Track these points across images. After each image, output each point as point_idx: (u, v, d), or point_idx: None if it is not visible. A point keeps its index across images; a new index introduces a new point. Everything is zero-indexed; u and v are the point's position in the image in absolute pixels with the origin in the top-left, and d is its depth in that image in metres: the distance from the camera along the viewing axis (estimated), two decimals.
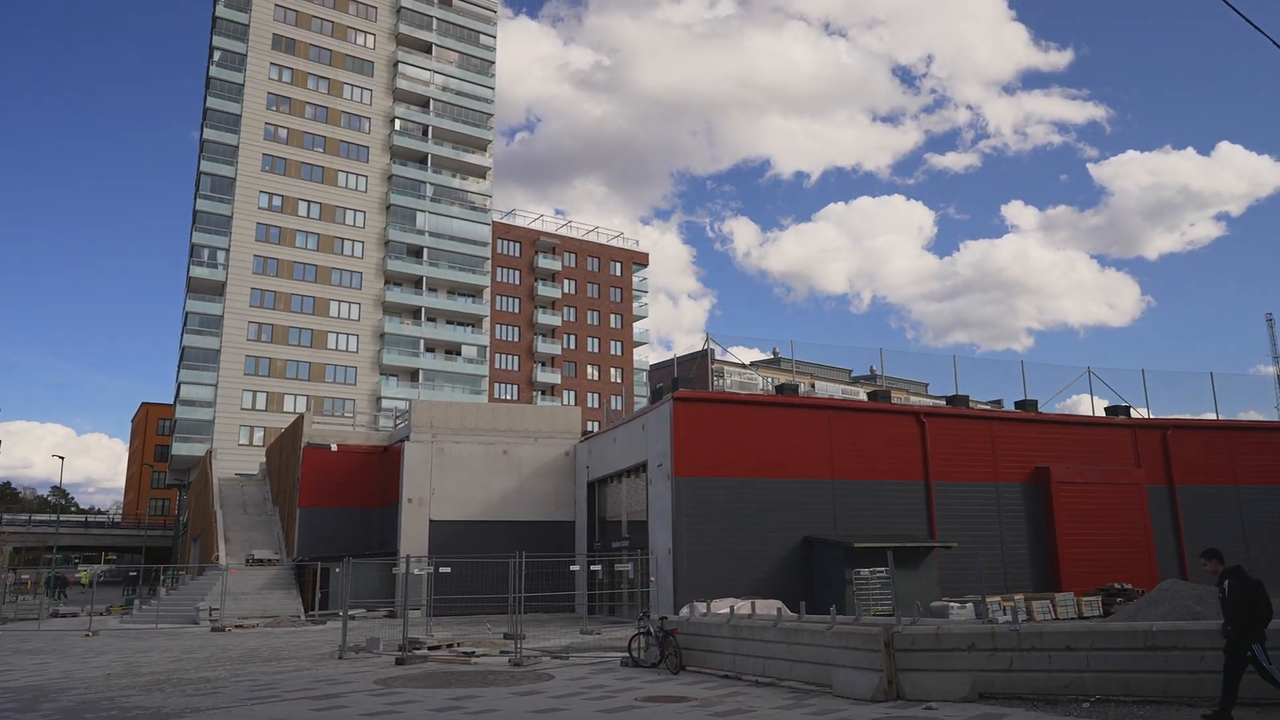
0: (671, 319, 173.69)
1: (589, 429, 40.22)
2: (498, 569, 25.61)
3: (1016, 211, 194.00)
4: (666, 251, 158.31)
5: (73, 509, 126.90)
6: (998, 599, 26.71)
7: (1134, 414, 34.46)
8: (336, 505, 38.01)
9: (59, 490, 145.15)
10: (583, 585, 32.65)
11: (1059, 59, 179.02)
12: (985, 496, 30.66)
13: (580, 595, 32.36)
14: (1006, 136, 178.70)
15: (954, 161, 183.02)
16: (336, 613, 32.75)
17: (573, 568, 25.65)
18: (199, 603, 32.51)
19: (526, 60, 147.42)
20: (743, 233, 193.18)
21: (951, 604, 25.32)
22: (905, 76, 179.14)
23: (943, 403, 34.63)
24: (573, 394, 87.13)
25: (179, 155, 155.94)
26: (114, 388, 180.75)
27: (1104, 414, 34.24)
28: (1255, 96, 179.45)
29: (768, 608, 25.41)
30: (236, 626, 29.62)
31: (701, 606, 24.48)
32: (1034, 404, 32.77)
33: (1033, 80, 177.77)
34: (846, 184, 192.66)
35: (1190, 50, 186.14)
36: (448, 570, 23.47)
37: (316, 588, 33.43)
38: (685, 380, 29.05)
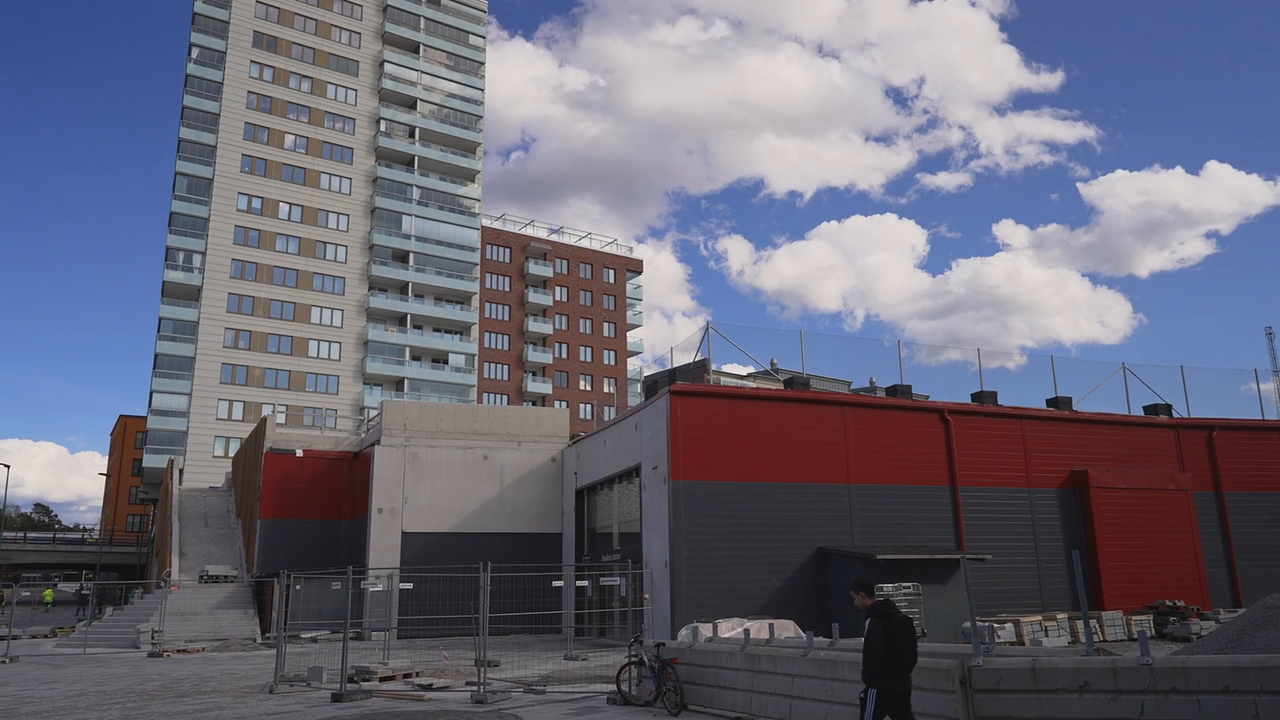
0: (666, 337, 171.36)
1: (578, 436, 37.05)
2: (472, 585, 22.51)
3: (1008, 230, 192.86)
4: (661, 270, 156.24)
5: (56, 526, 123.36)
6: (1038, 618, 23.57)
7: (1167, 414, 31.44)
8: (301, 516, 34.73)
9: (41, 507, 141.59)
10: (570, 604, 29.47)
11: (1050, 80, 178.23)
12: (1017, 503, 27.56)
13: (567, 615, 29.17)
14: (998, 156, 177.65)
15: (946, 181, 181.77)
16: (298, 635, 29.51)
17: (556, 584, 22.50)
18: (141, 624, 29.16)
19: (521, 81, 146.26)
20: (736, 251, 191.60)
21: (992, 625, 22.16)
22: (898, 98, 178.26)
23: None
24: (565, 404, 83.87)
25: (154, 155, 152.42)
26: (108, 405, 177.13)
27: (1143, 413, 31.22)
28: (1243, 116, 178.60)
29: (780, 630, 22.22)
30: (179, 651, 26.33)
31: (705, 629, 21.30)
32: (1068, 401, 29.72)
33: (1024, 101, 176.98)
34: (839, 203, 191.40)
35: (1178, 70, 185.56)
36: (409, 586, 20.27)
37: (275, 607, 30.11)
38: (684, 374, 25.95)
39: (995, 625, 22.10)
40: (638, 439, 26.64)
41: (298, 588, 28.83)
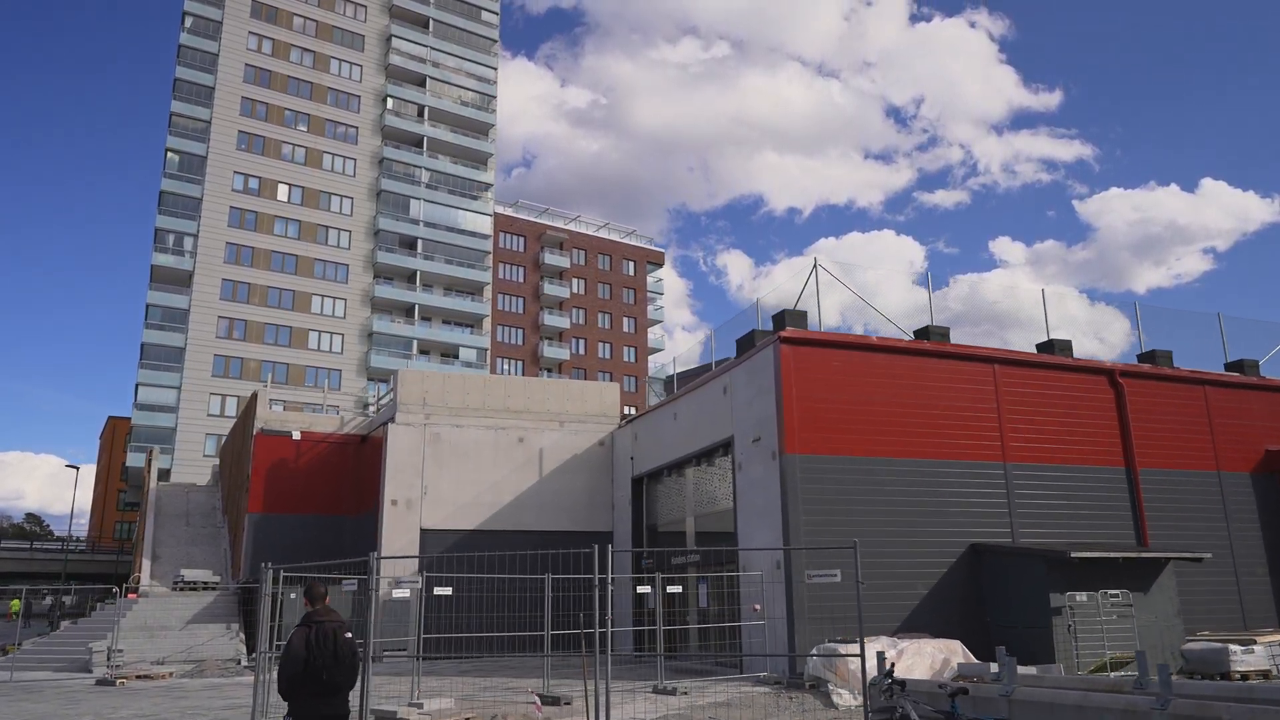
0: (668, 349, 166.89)
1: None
2: (515, 594, 16.98)
3: (1004, 247, 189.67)
4: (663, 283, 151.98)
5: (48, 536, 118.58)
6: (1277, 638, 17.75)
7: None
8: (297, 511, 28.89)
9: (33, 517, 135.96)
10: (626, 615, 23.78)
11: (1049, 99, 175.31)
12: (1206, 489, 21.81)
13: (625, 631, 23.44)
14: (996, 174, 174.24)
15: (944, 198, 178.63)
16: None
17: (641, 589, 16.87)
18: (95, 642, 23.25)
19: (523, 99, 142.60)
20: (736, 266, 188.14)
21: (1232, 646, 16.34)
22: (897, 116, 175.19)
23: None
24: None
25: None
26: (104, 415, 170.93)
27: None
28: (1239, 134, 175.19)
29: (946, 653, 16.41)
30: (140, 676, 20.51)
31: (852, 652, 15.60)
32: (1255, 366, 24.03)
33: (1022, 120, 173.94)
34: (838, 220, 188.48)
35: (1175, 89, 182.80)
36: (448, 591, 14.56)
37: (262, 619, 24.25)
38: (795, 317, 20.21)
39: (1237, 647, 16.30)
40: (728, 405, 20.89)
41: (292, 596, 23.04)
